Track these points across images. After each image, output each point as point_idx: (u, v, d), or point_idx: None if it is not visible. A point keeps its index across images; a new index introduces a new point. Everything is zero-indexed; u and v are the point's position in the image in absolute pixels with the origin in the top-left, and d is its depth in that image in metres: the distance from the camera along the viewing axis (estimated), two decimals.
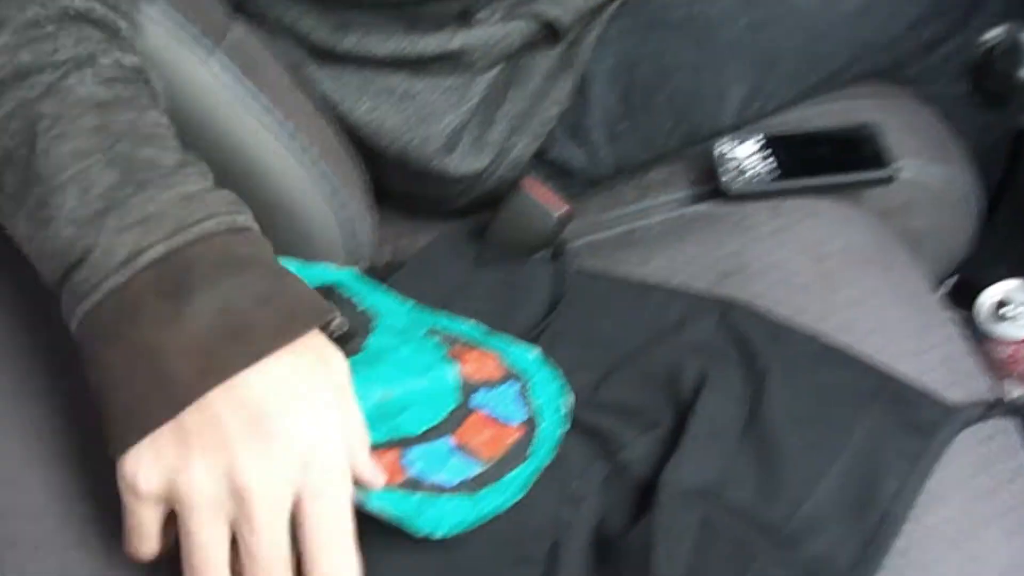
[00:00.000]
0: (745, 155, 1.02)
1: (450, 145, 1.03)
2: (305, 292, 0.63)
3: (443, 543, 0.67)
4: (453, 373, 0.74)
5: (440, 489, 0.67)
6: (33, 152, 0.60)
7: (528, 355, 0.80)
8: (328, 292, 0.79)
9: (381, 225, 1.04)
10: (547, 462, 0.72)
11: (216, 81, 0.86)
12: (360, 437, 0.64)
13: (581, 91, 1.06)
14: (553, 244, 0.93)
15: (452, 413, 0.72)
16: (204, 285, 0.58)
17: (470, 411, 0.73)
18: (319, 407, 0.60)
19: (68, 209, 0.59)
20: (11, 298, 0.74)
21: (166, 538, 0.62)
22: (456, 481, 0.68)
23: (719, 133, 1.06)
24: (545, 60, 1.05)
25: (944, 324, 0.92)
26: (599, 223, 1.05)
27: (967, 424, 0.80)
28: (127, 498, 0.60)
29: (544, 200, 0.92)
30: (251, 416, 0.58)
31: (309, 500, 0.60)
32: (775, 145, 1.03)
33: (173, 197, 0.60)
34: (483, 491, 0.68)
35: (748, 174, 1.00)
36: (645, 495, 0.74)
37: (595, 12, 1.05)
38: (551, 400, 0.77)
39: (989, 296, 1.15)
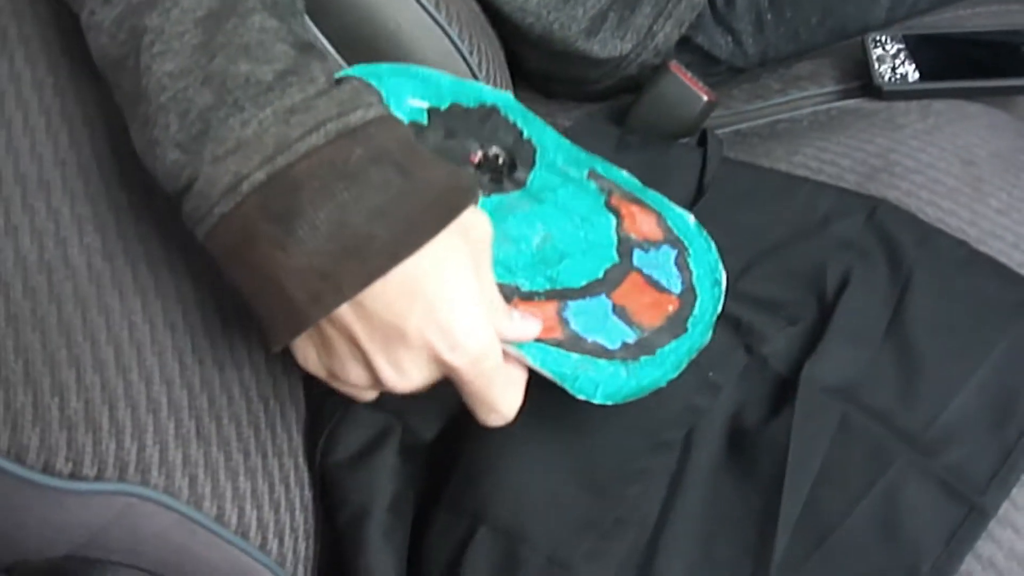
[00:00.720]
0: (897, 53, 0.99)
1: (593, 28, 1.01)
2: (436, 182, 0.58)
3: (585, 427, 0.67)
4: (612, 226, 0.73)
5: (601, 349, 0.65)
6: (138, 67, 0.57)
7: (686, 219, 0.77)
8: (491, 112, 0.77)
9: None
10: (703, 343, 0.70)
11: None
12: (495, 298, 0.61)
13: None
14: (697, 131, 0.91)
15: (611, 270, 0.70)
16: (314, 204, 0.54)
17: (629, 271, 0.71)
18: (454, 293, 0.58)
19: (172, 132, 0.56)
20: None
21: None
22: (617, 344, 0.66)
23: (867, 30, 1.03)
24: None
25: None
26: (743, 113, 1.02)
27: None
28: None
29: (691, 84, 0.90)
30: (381, 326, 0.56)
31: (458, 380, 0.60)
32: (927, 44, 1.00)
33: (270, 115, 0.55)
34: (641, 361, 0.67)
35: (900, 73, 0.97)
36: (783, 389, 0.73)
37: None
38: (708, 273, 0.74)
39: None
